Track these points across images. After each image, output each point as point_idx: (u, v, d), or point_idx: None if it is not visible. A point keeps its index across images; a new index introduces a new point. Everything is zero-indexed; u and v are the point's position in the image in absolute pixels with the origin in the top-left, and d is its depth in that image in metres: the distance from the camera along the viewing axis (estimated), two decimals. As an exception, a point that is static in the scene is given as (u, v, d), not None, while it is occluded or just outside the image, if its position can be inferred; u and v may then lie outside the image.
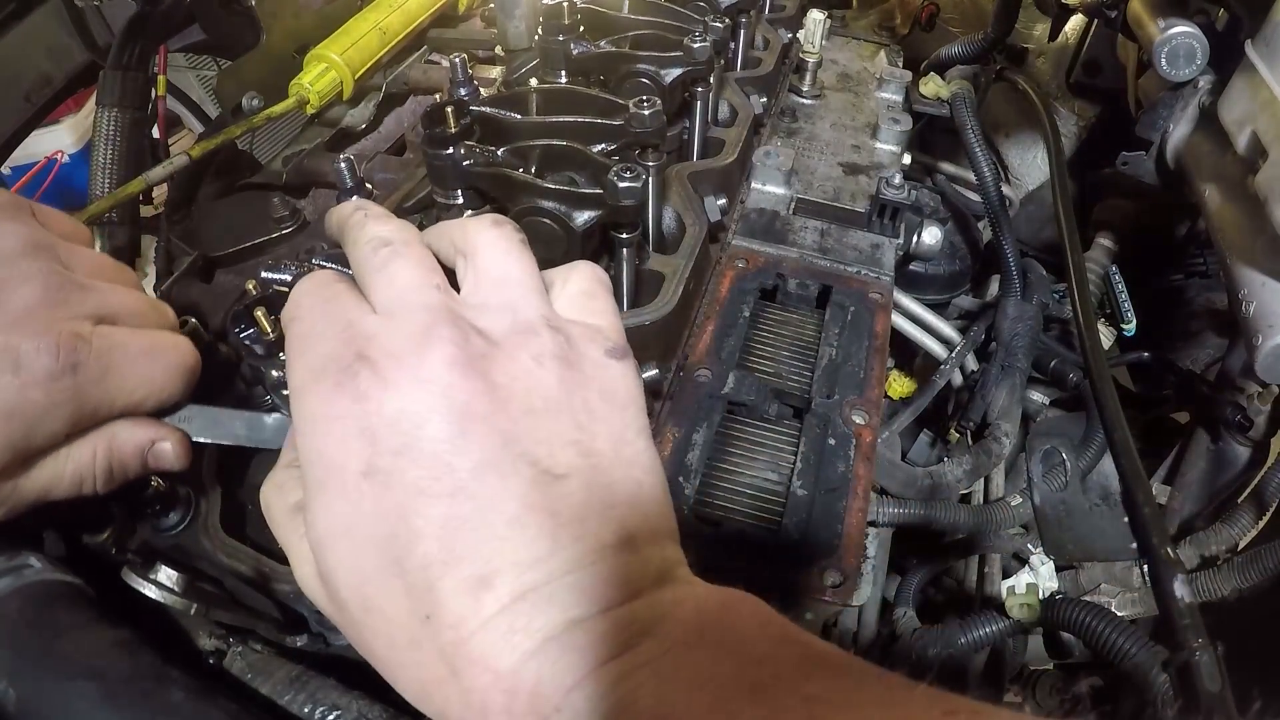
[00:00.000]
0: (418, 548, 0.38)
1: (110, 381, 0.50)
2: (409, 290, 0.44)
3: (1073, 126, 1.39)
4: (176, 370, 0.55)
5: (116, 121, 0.98)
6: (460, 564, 0.38)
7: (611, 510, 0.42)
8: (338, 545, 0.40)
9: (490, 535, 0.39)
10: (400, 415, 0.40)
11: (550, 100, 0.79)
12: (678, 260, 0.76)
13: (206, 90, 2.32)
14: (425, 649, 0.39)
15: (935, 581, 1.12)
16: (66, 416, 0.49)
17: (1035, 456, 1.11)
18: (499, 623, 0.37)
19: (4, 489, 0.49)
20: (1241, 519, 1.05)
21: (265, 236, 0.89)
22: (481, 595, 0.38)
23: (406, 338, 0.42)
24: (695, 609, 0.40)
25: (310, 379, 0.42)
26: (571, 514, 0.40)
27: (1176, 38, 0.98)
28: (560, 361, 0.45)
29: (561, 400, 0.44)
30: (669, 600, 0.40)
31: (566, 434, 0.43)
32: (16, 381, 0.46)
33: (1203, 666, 0.66)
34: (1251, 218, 0.91)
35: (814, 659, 0.37)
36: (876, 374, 0.78)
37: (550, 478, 0.41)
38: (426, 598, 0.38)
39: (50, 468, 0.50)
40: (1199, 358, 1.36)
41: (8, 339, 0.46)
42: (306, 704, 0.52)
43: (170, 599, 0.51)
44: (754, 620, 0.40)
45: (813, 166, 1.08)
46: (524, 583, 0.38)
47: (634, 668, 0.36)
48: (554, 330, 0.46)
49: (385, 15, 1.17)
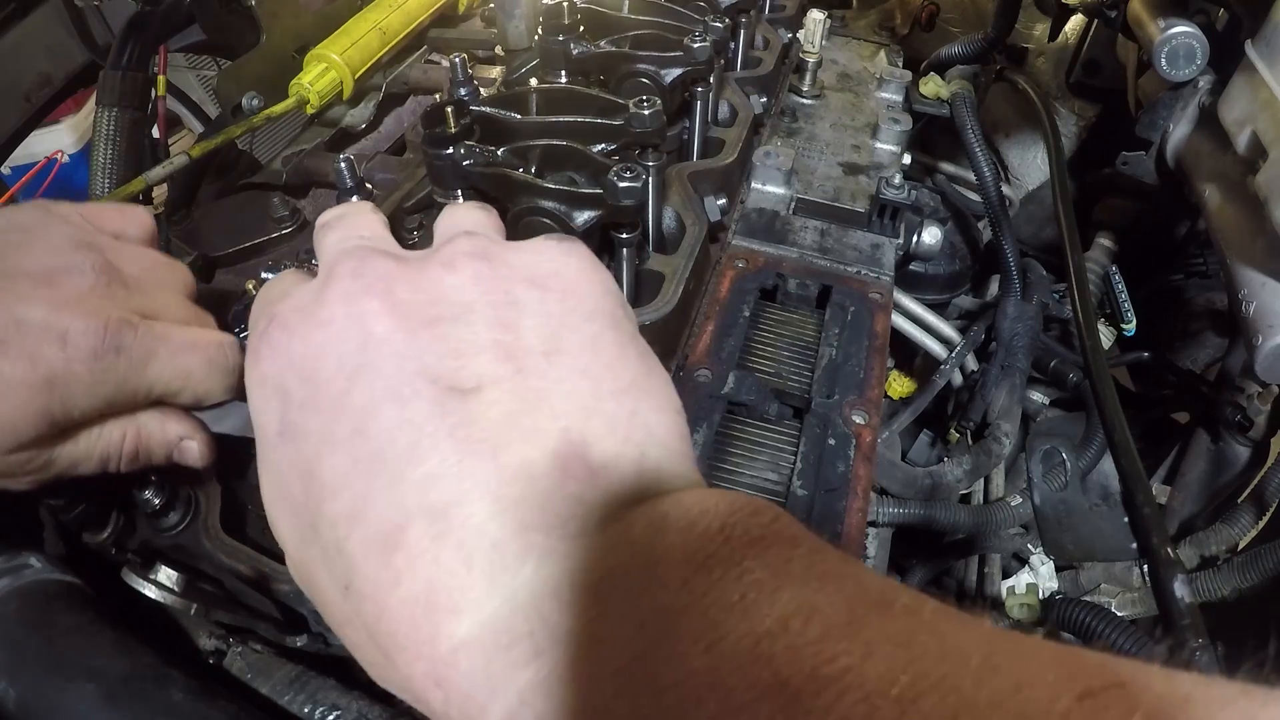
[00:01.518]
0: (325, 506, 0.34)
1: (150, 370, 0.52)
2: (328, 249, 0.44)
3: (1073, 126, 1.40)
4: (218, 368, 0.56)
5: (116, 121, 0.98)
6: (365, 517, 0.32)
7: (550, 421, 0.34)
8: (274, 514, 0.38)
9: (392, 478, 0.32)
10: (303, 363, 0.36)
11: (550, 100, 0.79)
12: (678, 260, 0.76)
13: (206, 90, 2.32)
14: (356, 627, 0.33)
15: (935, 581, 1.12)
16: (105, 395, 0.50)
17: (1035, 456, 1.11)
18: (418, 595, 0.31)
19: (37, 458, 0.50)
20: (1241, 519, 1.05)
21: (265, 236, 0.89)
22: (391, 556, 0.31)
23: (311, 289, 0.39)
24: (681, 541, 0.29)
25: (246, 356, 0.40)
26: (484, 438, 0.33)
27: (1176, 38, 0.98)
28: (476, 258, 0.39)
29: (476, 299, 0.37)
30: (641, 535, 0.30)
31: (480, 338, 0.36)
32: (62, 355, 0.48)
33: (1202, 666, 0.66)
34: (1251, 218, 0.91)
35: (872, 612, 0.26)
36: (876, 374, 0.78)
37: (456, 395, 0.34)
38: (339, 563, 0.33)
39: (83, 443, 0.52)
40: (1199, 358, 1.36)
41: (58, 317, 0.48)
42: (306, 704, 0.52)
43: (170, 599, 0.51)
44: (770, 550, 0.28)
45: (813, 166, 1.08)
46: (436, 537, 0.31)
47: (594, 663, 0.27)
48: (472, 235, 0.41)
49: (385, 15, 1.17)
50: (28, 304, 0.48)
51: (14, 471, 0.50)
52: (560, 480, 0.33)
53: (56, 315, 0.48)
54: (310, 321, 0.37)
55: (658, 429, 0.36)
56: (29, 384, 0.47)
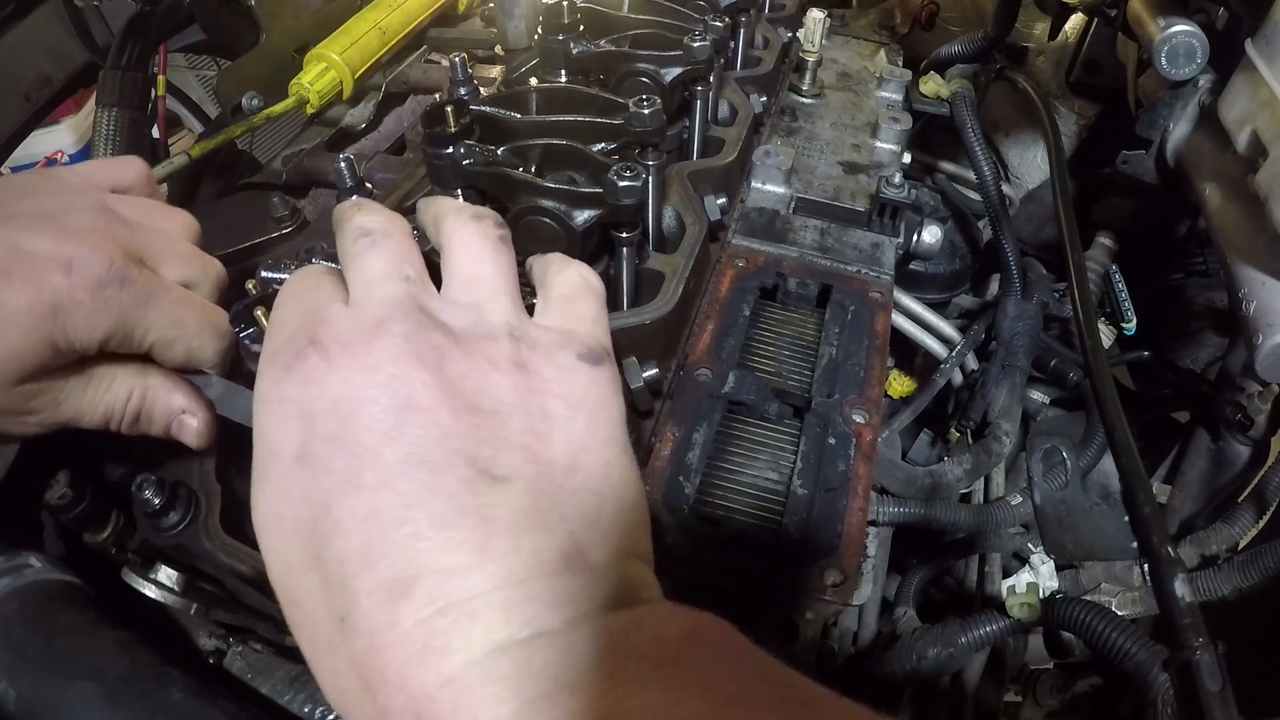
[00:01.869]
0: (336, 541, 0.36)
1: (150, 311, 0.53)
2: (375, 281, 0.44)
3: (1073, 126, 1.39)
4: (210, 327, 0.56)
5: (116, 121, 0.99)
6: (378, 565, 0.35)
7: (560, 523, 0.39)
8: (269, 532, 0.39)
9: (412, 535, 0.36)
10: (339, 401, 0.38)
11: (550, 99, 0.79)
12: (678, 259, 0.76)
13: (206, 90, 2.32)
14: (340, 655, 0.36)
15: (935, 581, 1.12)
16: (107, 328, 0.51)
17: (1035, 456, 1.11)
18: (415, 636, 0.34)
19: (43, 395, 0.51)
20: (1242, 518, 1.05)
21: (265, 236, 0.89)
22: (397, 603, 0.35)
23: (358, 326, 0.41)
24: (654, 638, 0.35)
25: (266, 361, 0.42)
26: (507, 522, 0.37)
27: (1176, 36, 0.98)
28: (517, 368, 0.43)
29: (514, 404, 0.41)
30: (621, 626, 0.36)
31: (515, 438, 0.40)
32: (67, 282, 0.48)
33: (1203, 666, 0.66)
34: (1251, 217, 0.91)
35: (794, 702, 0.33)
36: (876, 373, 0.78)
37: (489, 480, 0.38)
38: (342, 597, 0.36)
39: (89, 393, 0.53)
40: (1199, 357, 1.36)
41: (64, 247, 0.49)
42: (306, 703, 0.52)
43: (170, 599, 0.51)
44: (724, 653, 0.36)
45: (813, 165, 1.08)
46: (446, 594, 0.35)
47: (571, 708, 0.32)
48: (515, 339, 0.44)
49: (385, 15, 1.17)
50: (31, 235, 0.48)
51: (21, 408, 0.50)
52: (562, 570, 0.37)
53: (61, 245, 0.49)
54: (355, 364, 0.39)
55: (640, 546, 0.43)
56: (33, 311, 0.47)
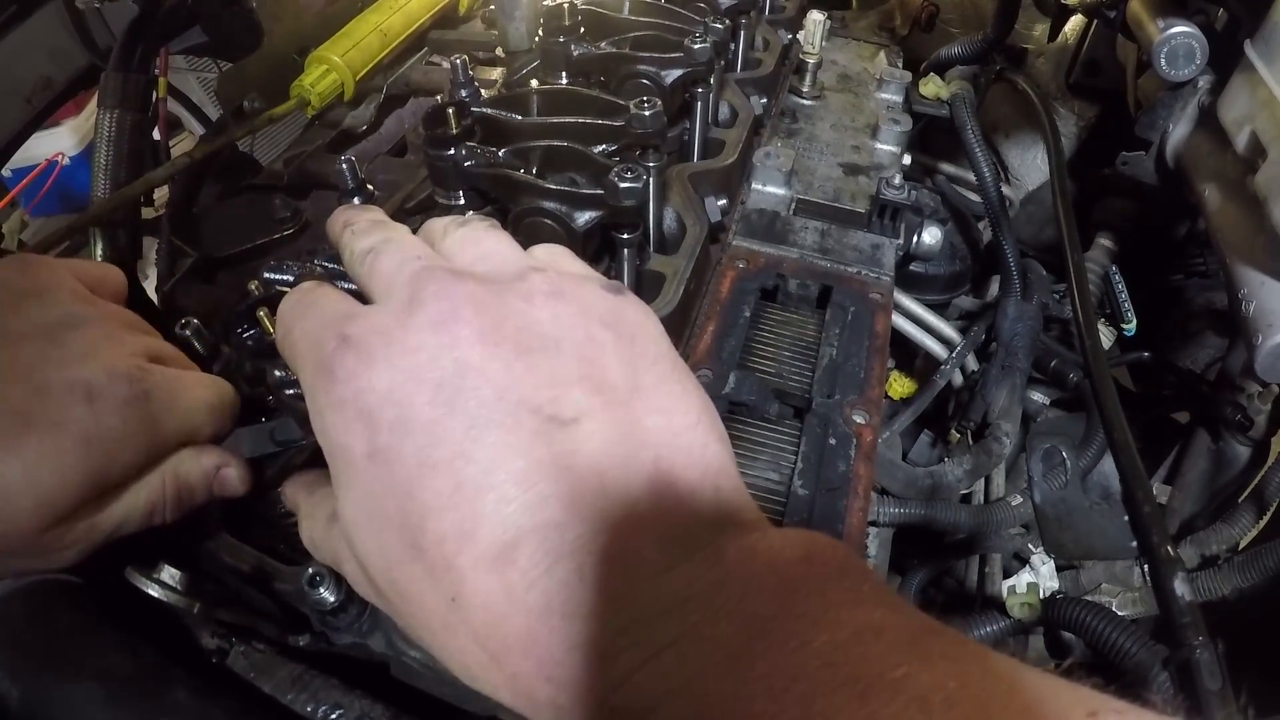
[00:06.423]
0: (430, 525, 0.36)
1: (178, 409, 0.51)
2: (392, 272, 0.43)
3: (1072, 126, 1.40)
4: (228, 400, 0.56)
5: (118, 123, 0.99)
6: (475, 536, 0.35)
7: (640, 450, 0.38)
8: (361, 534, 0.39)
9: (500, 500, 0.35)
10: (391, 388, 0.37)
11: (551, 101, 0.79)
12: (678, 260, 0.76)
13: (207, 92, 2.32)
14: (460, 633, 0.36)
15: (936, 581, 1.12)
16: (143, 445, 0.49)
17: (1035, 456, 1.11)
18: (529, 601, 0.34)
19: (80, 527, 0.48)
20: (1242, 518, 1.05)
21: (267, 238, 0.90)
22: (505, 570, 0.34)
23: (391, 312, 0.40)
24: (769, 564, 0.33)
25: (309, 376, 0.41)
26: (589, 464, 0.36)
27: (1176, 37, 0.98)
28: (552, 297, 0.41)
29: (560, 336, 0.39)
30: (734, 557, 0.34)
31: (571, 371, 0.39)
32: (92, 411, 0.46)
33: (1203, 665, 0.66)
34: (1251, 218, 0.91)
35: (928, 635, 0.31)
36: (877, 374, 0.78)
37: (558, 425, 0.37)
38: (448, 578, 0.35)
39: (126, 501, 0.50)
40: (1199, 358, 1.36)
41: (78, 373, 0.46)
42: (309, 703, 0.52)
43: (173, 598, 0.51)
44: (845, 573, 0.33)
45: (813, 167, 1.08)
46: (548, 550, 0.34)
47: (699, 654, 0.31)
48: (540, 270, 0.43)
49: (386, 17, 1.17)
50: (41, 368, 0.46)
51: (56, 547, 0.48)
52: (656, 504, 0.36)
53: (75, 372, 0.46)
54: (396, 348, 0.38)
55: (724, 460, 0.41)
56: (62, 451, 0.45)
